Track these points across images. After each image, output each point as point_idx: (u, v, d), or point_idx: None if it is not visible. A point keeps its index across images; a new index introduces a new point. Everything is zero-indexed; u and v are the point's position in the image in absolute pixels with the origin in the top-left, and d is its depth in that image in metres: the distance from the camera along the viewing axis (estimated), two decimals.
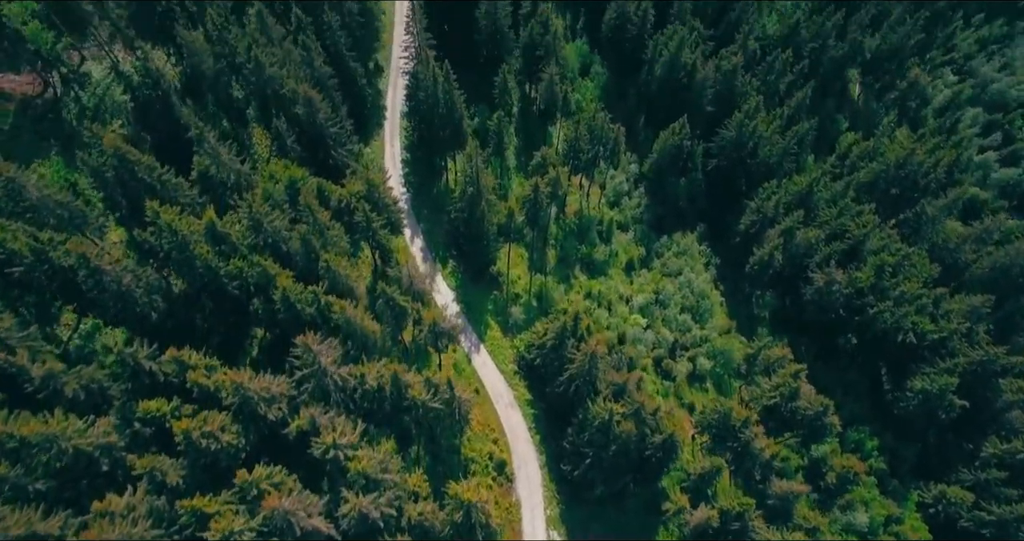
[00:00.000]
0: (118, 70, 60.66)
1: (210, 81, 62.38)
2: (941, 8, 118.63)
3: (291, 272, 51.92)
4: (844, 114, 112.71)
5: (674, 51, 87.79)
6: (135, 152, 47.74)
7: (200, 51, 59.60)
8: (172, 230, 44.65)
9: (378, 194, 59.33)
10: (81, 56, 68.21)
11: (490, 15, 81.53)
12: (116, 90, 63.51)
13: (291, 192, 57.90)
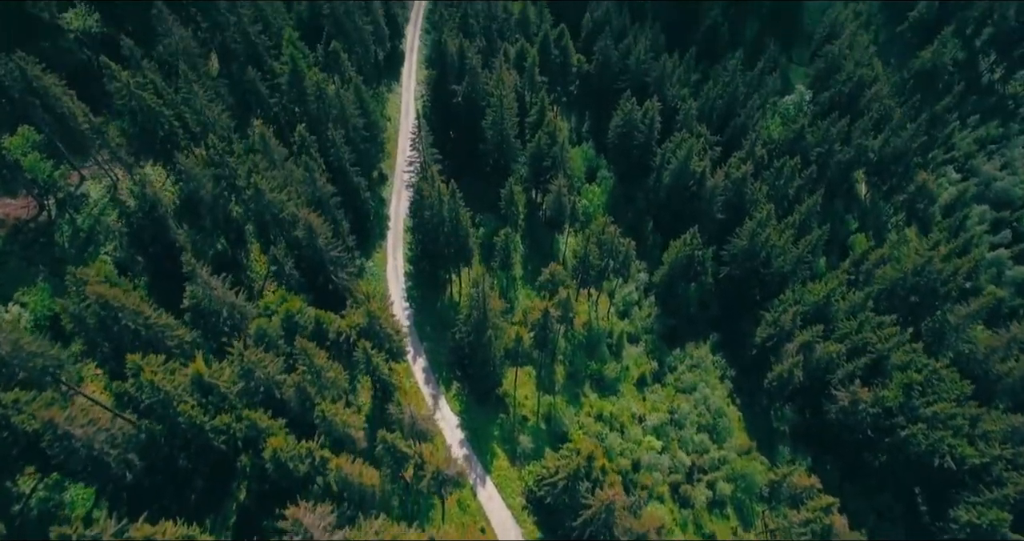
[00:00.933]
0: (114, 196, 58.81)
1: (208, 204, 60.24)
2: (939, 111, 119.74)
3: (284, 420, 47.74)
4: (853, 214, 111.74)
5: (682, 159, 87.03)
6: (120, 296, 44.57)
7: (199, 176, 57.71)
8: (154, 387, 40.85)
9: (379, 326, 55.87)
10: (81, 176, 66.60)
11: (496, 125, 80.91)
12: (112, 213, 61.38)
13: (288, 325, 54.51)
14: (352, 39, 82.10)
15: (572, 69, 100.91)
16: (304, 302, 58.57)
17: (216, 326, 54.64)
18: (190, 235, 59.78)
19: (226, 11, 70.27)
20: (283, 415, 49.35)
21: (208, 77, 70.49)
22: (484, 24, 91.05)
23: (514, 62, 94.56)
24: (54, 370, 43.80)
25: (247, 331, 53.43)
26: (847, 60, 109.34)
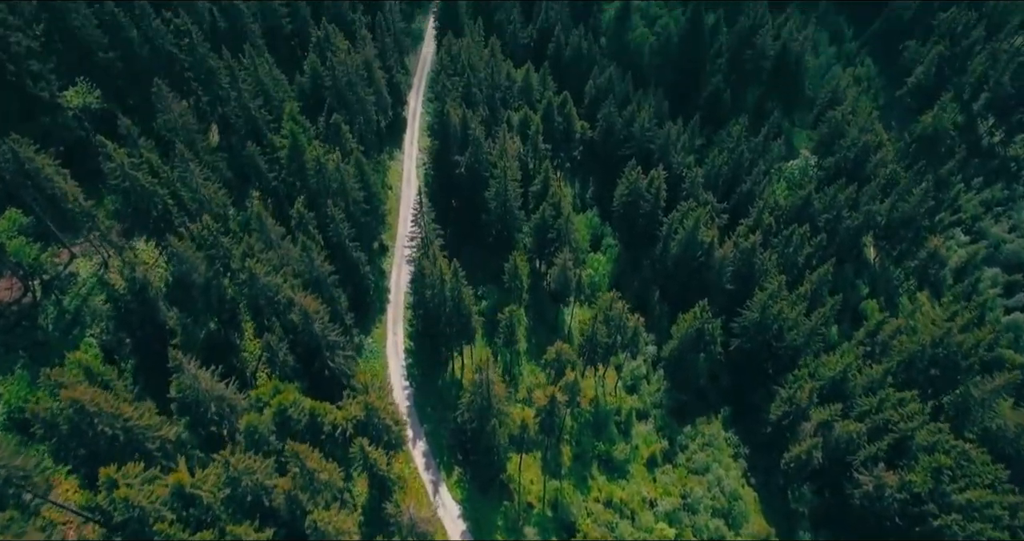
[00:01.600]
0: (102, 278, 56.42)
1: (201, 286, 57.68)
2: (943, 175, 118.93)
3: (272, 530, 43.88)
4: (863, 279, 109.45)
5: (690, 230, 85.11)
6: (97, 398, 41.40)
7: (191, 259, 55.34)
8: (128, 504, 37.31)
9: (378, 418, 52.49)
10: (71, 253, 64.30)
11: (500, 196, 79.26)
12: (99, 297, 58.83)
13: (280, 420, 51.15)
14: (354, 110, 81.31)
15: (576, 135, 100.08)
16: (298, 390, 55.41)
17: (204, 417, 51.45)
18: (181, 318, 56.94)
19: (227, 86, 69.45)
20: (272, 522, 45.53)
21: (207, 151, 69.12)
22: (487, 93, 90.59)
23: (517, 129, 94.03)
24: (19, 481, 40.25)
25: (236, 426, 50.09)
26: (851, 126, 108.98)
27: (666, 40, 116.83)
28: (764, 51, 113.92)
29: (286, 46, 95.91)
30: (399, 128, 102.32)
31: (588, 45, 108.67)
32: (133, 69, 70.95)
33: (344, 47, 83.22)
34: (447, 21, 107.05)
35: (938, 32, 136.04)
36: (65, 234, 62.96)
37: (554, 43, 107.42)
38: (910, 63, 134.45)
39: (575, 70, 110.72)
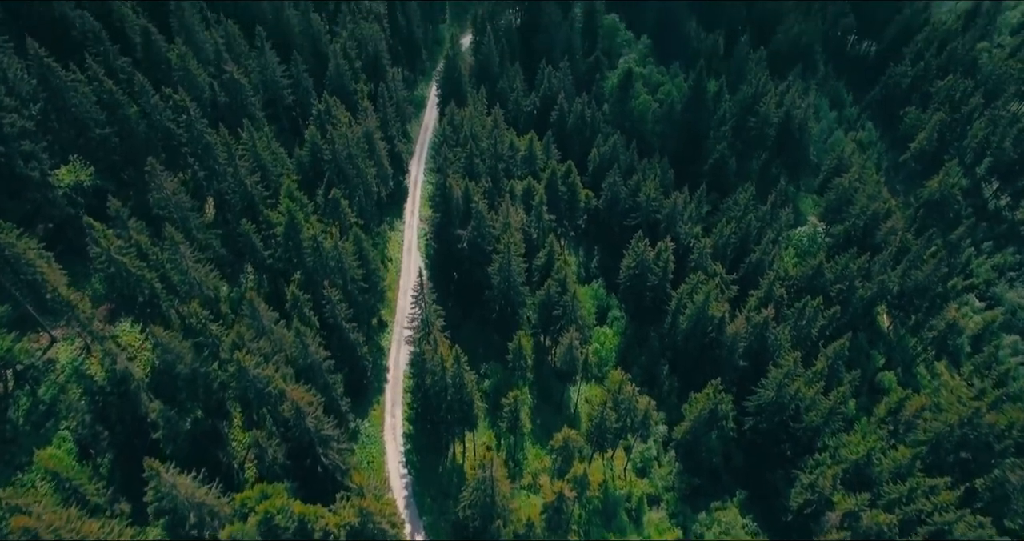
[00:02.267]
0: (80, 370, 53.06)
1: (186, 377, 54.16)
2: (953, 240, 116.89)
3: None
4: (878, 349, 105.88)
5: (700, 305, 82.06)
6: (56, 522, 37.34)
7: (177, 349, 52.03)
8: None
9: (373, 524, 48.06)
10: (51, 337, 60.94)
11: (503, 272, 76.45)
12: (75, 390, 55.20)
13: (266, 529, 46.74)
14: (353, 184, 79.53)
15: (580, 204, 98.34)
16: (288, 491, 51.14)
17: (183, 522, 47.16)
18: (163, 411, 53.20)
19: (224, 161, 67.70)
20: None
21: (200, 229, 66.69)
22: (490, 163, 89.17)
23: (521, 199, 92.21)
24: None
25: (218, 537, 45.73)
26: (858, 193, 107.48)
27: (669, 107, 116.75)
28: (768, 119, 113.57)
29: (287, 116, 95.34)
30: (400, 197, 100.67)
31: (591, 113, 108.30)
32: (130, 144, 69.37)
33: (345, 119, 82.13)
34: (449, 89, 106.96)
35: (937, 99, 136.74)
36: (46, 317, 59.81)
37: (557, 111, 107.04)
38: (911, 128, 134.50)
39: (578, 137, 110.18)
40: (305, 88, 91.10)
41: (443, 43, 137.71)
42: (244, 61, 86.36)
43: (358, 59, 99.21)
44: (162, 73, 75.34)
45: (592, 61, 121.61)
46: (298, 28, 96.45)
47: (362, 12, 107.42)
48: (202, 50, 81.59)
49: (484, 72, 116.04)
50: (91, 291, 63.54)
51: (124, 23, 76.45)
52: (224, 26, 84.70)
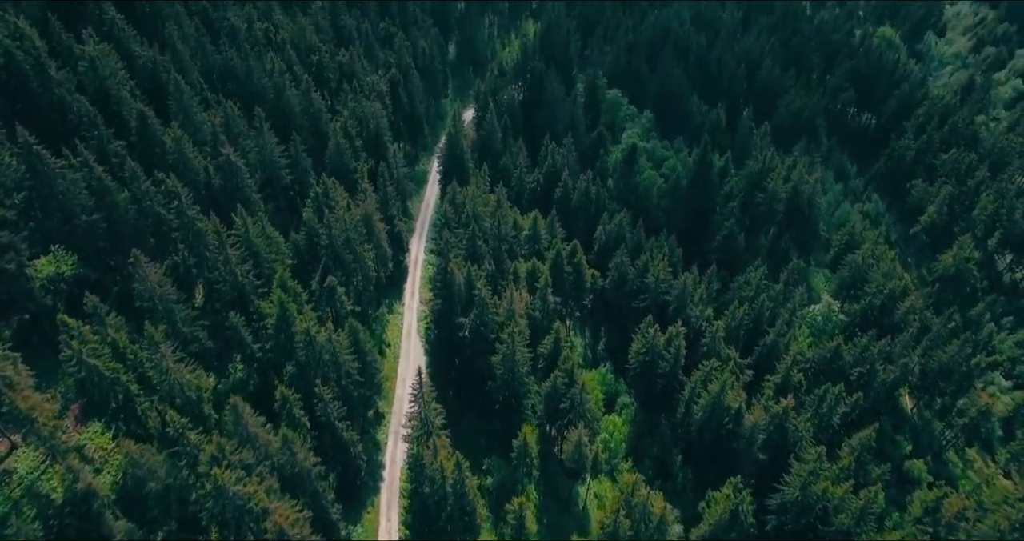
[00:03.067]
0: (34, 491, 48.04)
1: (158, 494, 49.09)
2: (973, 317, 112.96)
3: None
4: (903, 434, 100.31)
5: (715, 395, 77.28)
6: None
7: (149, 465, 47.24)
8: None
9: None
10: (11, 443, 55.98)
11: (507, 361, 72.10)
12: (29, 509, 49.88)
13: None
14: (350, 269, 76.30)
15: (586, 285, 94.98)
16: None
17: None
18: (130, 532, 47.88)
19: (215, 250, 64.53)
20: None
21: (186, 322, 62.77)
22: (493, 244, 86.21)
23: (525, 280, 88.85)
24: None
25: None
26: (873, 271, 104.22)
27: (675, 183, 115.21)
28: (776, 194, 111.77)
29: (285, 196, 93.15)
30: (400, 277, 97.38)
31: (596, 189, 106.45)
32: (118, 231, 66.41)
33: (343, 201, 79.76)
34: (451, 166, 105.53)
35: (942, 171, 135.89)
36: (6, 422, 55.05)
37: (561, 188, 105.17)
38: (919, 201, 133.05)
39: (583, 214, 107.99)
40: (304, 168, 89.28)
41: (445, 118, 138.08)
42: (242, 141, 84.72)
43: (359, 137, 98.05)
44: (157, 156, 73.27)
45: (595, 136, 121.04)
46: (299, 107, 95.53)
47: (364, 90, 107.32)
48: (199, 131, 79.92)
49: (486, 148, 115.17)
50: (63, 388, 59.06)
51: (121, 106, 75.04)
52: (223, 107, 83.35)
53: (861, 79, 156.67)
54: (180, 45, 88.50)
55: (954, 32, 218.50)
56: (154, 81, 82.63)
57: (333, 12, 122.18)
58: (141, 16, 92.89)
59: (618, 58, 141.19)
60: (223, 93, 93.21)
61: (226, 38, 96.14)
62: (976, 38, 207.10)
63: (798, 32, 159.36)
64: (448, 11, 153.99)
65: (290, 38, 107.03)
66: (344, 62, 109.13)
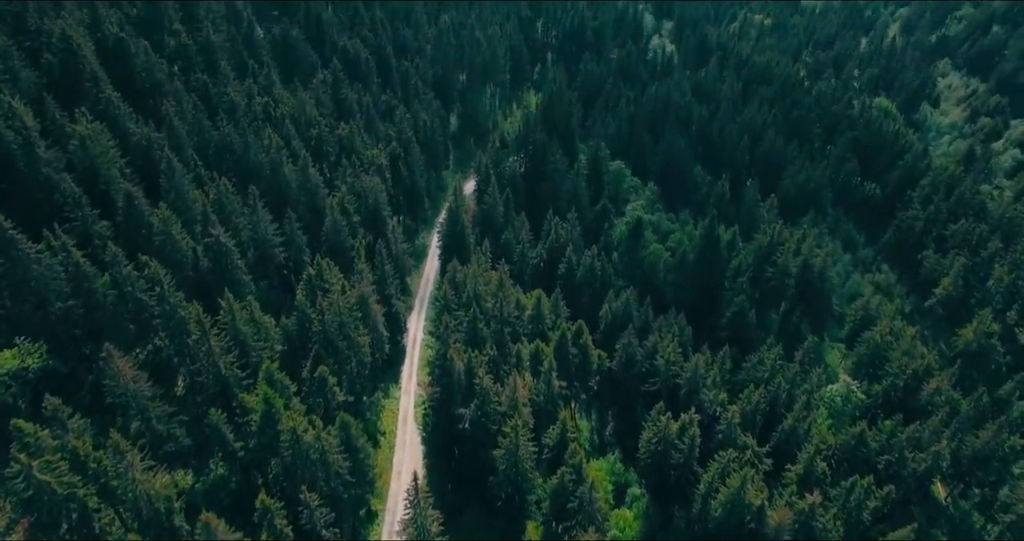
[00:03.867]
0: None
1: None
2: (1003, 396, 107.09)
3: None
4: (940, 528, 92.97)
5: (735, 491, 71.17)
6: None
7: None
8: None
9: None
10: None
11: (510, 457, 66.49)
12: None
13: None
14: (343, 356, 71.77)
15: (592, 367, 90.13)
16: None
17: None
18: None
19: (197, 340, 60.19)
20: None
21: (162, 419, 57.81)
22: (495, 327, 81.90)
23: (528, 363, 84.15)
24: None
25: None
26: (893, 350, 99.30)
27: (681, 257, 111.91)
28: (786, 269, 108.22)
29: (278, 274, 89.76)
30: (397, 358, 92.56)
31: (601, 265, 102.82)
32: (94, 318, 62.37)
33: (338, 283, 76.07)
34: (451, 243, 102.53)
35: (952, 242, 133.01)
36: None
37: (565, 264, 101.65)
38: (932, 273, 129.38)
39: (588, 289, 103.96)
40: (299, 245, 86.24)
41: (446, 189, 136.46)
42: (235, 219, 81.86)
43: (356, 213, 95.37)
44: (143, 238, 70.04)
45: (599, 209, 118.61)
46: (296, 183, 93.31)
47: (363, 164, 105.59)
48: (190, 210, 77.11)
49: (488, 221, 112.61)
50: (15, 498, 53.40)
51: (110, 186, 72.46)
52: (217, 184, 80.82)
53: (863, 149, 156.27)
54: (177, 121, 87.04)
55: (947, 103, 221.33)
56: (147, 158, 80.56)
57: (334, 86, 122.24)
58: (140, 91, 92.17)
59: (620, 129, 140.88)
60: (218, 170, 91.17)
61: (224, 113, 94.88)
62: (970, 109, 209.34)
63: (798, 103, 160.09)
64: (450, 83, 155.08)
65: (290, 112, 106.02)
66: (344, 136, 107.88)
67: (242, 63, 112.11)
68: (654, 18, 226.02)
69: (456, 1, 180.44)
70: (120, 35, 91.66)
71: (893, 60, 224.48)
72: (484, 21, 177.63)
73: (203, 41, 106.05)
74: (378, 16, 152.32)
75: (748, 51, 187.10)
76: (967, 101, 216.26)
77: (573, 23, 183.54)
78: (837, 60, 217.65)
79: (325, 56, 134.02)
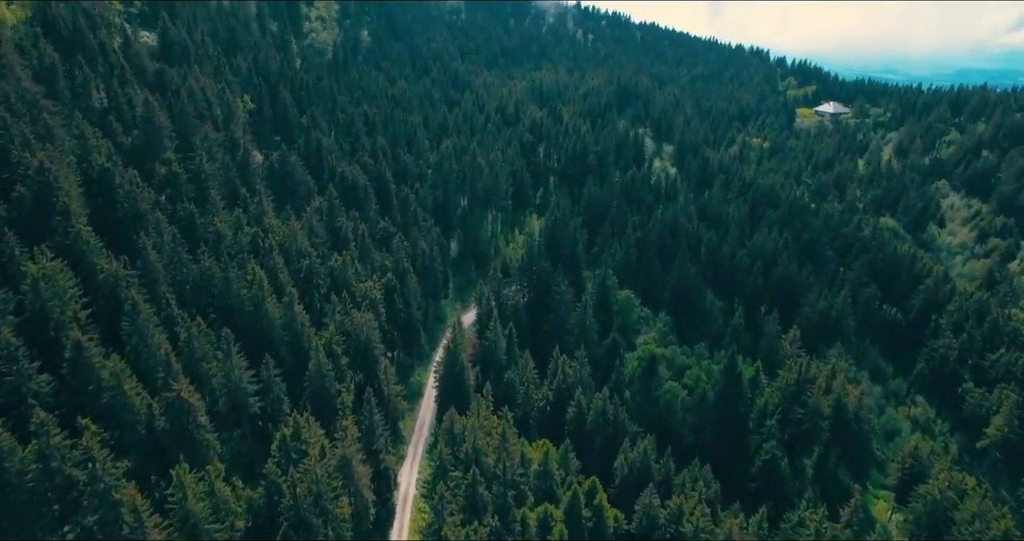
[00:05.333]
0: None
1: None
2: None
3: None
4: None
5: None
6: None
7: None
8: None
9: None
10: None
11: None
12: None
13: None
14: (317, 534, 59.93)
15: (608, 530, 77.41)
16: None
17: None
18: None
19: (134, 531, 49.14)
20: None
21: None
22: (497, 491, 70.32)
23: (535, 531, 71.70)
24: None
25: None
26: (959, 510, 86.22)
27: (700, 396, 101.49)
28: (818, 410, 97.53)
29: (252, 425, 79.47)
30: (385, 520, 79.82)
31: (614, 409, 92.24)
32: (11, 501, 51.55)
33: (318, 443, 65.74)
34: (449, 386, 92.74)
35: (994, 373, 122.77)
36: None
37: (574, 408, 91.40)
38: (976, 408, 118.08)
39: (600, 435, 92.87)
40: (277, 395, 76.63)
41: (445, 319, 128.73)
42: (205, 365, 72.96)
43: (345, 354, 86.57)
44: (89, 395, 60.60)
45: (609, 343, 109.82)
46: (280, 321, 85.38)
47: (356, 298, 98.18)
48: (153, 357, 68.30)
49: (489, 358, 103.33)
50: None
51: (60, 331, 64.18)
52: (187, 327, 72.60)
53: (879, 272, 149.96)
54: (153, 255, 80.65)
55: (953, 223, 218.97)
56: (112, 298, 72.73)
57: (330, 213, 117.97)
58: (120, 222, 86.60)
59: (628, 255, 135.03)
60: (196, 307, 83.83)
61: (207, 245, 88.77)
62: (978, 229, 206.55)
63: (807, 226, 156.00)
64: (450, 208, 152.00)
65: (280, 243, 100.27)
66: (336, 267, 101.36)
67: (234, 191, 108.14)
68: (654, 141, 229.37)
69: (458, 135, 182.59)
70: (106, 165, 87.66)
71: (893, 181, 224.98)
72: (486, 146, 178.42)
73: (196, 169, 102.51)
74: (380, 142, 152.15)
75: (752, 174, 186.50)
76: (972, 221, 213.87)
77: (575, 148, 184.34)
78: (839, 181, 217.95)
79: (323, 182, 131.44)
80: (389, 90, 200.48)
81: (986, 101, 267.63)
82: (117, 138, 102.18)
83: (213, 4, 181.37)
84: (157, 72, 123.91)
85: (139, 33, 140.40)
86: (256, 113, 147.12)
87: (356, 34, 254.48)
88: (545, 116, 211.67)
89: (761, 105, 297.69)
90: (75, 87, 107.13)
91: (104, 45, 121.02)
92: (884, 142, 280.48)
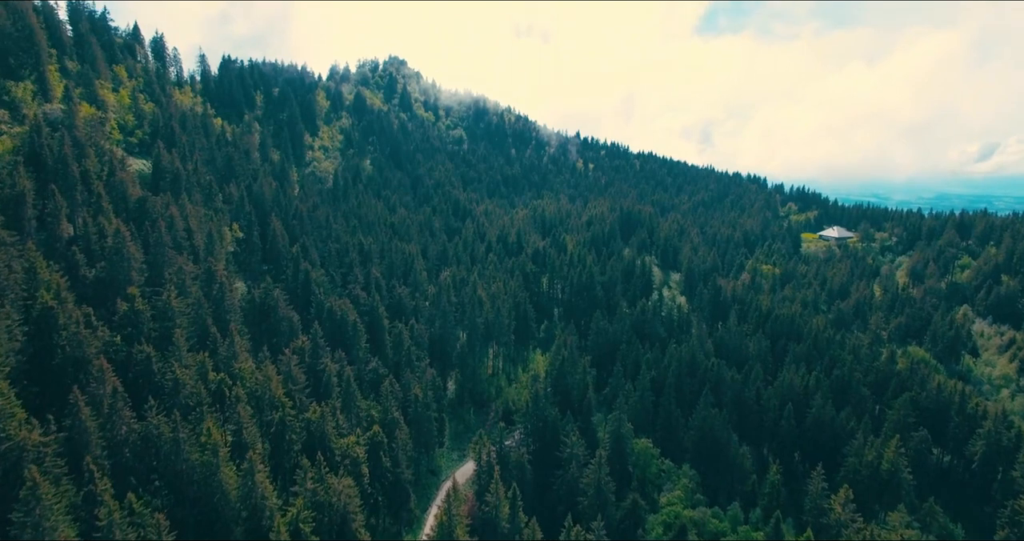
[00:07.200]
0: None
1: None
2: None
3: None
4: None
5: None
6: None
7: None
8: None
9: None
10: None
11: None
12: None
13: None
14: None
15: None
16: None
17: None
18: None
19: None
20: None
21: None
22: None
23: None
24: None
25: None
26: None
27: None
28: None
29: None
30: None
31: None
32: None
33: None
34: None
35: None
36: None
37: None
38: None
39: None
40: None
41: (439, 473, 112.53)
42: None
43: (314, 534, 70.98)
44: None
45: (628, 506, 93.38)
46: (236, 491, 70.82)
47: (333, 458, 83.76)
48: None
49: (490, 527, 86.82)
50: None
51: None
52: (109, 509, 58.17)
53: (923, 412, 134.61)
54: (87, 413, 67.81)
55: (988, 353, 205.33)
56: (16, 474, 59.23)
57: (313, 354, 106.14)
58: (57, 372, 74.93)
59: (643, 398, 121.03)
60: (137, 475, 69.86)
61: (156, 399, 76.08)
62: (1018, 359, 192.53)
63: (838, 361, 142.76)
64: (448, 344, 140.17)
65: (250, 391, 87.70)
66: (314, 421, 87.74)
67: (204, 330, 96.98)
68: (661, 270, 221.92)
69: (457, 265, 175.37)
70: (50, 305, 77.16)
71: (915, 308, 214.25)
72: (487, 277, 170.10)
73: (162, 305, 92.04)
74: (373, 275, 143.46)
75: (768, 303, 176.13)
76: (1009, 350, 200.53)
77: (581, 278, 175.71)
78: (858, 309, 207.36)
79: (308, 318, 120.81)
80: (388, 218, 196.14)
81: (992, 225, 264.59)
82: (79, 270, 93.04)
83: (216, 133, 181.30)
84: (139, 200, 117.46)
85: (128, 160, 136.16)
86: (245, 242, 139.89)
87: (358, 163, 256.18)
88: (548, 245, 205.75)
89: (765, 231, 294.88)
90: (44, 216, 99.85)
91: (87, 173, 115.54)
92: (895, 267, 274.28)
